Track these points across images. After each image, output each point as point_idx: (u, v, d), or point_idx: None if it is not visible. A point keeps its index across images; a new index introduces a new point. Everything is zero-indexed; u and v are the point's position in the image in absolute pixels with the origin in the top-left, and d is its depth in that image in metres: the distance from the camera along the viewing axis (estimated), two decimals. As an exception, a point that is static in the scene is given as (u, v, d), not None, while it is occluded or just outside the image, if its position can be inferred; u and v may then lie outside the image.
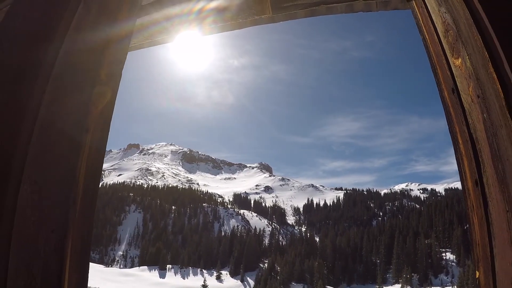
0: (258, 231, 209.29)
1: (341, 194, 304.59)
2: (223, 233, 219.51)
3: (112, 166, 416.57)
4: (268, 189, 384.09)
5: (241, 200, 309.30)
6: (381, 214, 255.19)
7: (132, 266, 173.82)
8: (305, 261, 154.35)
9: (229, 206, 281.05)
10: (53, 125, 1.47)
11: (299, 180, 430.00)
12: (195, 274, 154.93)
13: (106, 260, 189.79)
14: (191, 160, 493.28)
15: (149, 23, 2.46)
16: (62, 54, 1.54)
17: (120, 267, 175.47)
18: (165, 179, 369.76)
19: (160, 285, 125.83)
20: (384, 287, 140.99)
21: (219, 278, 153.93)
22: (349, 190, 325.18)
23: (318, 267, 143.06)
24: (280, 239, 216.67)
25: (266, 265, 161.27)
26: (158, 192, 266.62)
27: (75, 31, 1.62)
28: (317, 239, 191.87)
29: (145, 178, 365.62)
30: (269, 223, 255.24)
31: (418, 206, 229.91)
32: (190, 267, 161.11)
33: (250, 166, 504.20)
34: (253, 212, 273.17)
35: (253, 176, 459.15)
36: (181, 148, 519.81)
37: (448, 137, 1.56)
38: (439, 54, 1.56)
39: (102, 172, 1.95)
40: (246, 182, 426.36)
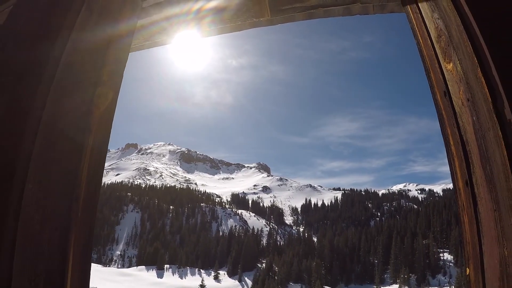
0: (256, 231, 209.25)
1: (339, 195, 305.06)
2: (221, 233, 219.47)
3: (110, 165, 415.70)
4: (266, 189, 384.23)
5: (239, 200, 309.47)
6: (379, 214, 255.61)
7: (130, 266, 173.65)
8: (303, 261, 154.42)
9: (227, 206, 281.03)
10: (56, 126, 1.50)
11: (297, 180, 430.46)
12: (193, 274, 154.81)
13: (104, 260, 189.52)
14: (189, 160, 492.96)
15: (149, 24, 2.47)
16: (64, 55, 1.56)
17: (118, 267, 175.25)
18: (163, 179, 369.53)
19: (158, 285, 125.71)
20: (382, 287, 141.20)
21: (217, 278, 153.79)
22: (347, 190, 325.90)
23: (316, 267, 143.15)
24: (278, 239, 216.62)
25: (264, 265, 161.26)
26: (156, 192, 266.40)
27: (77, 33, 1.63)
28: (315, 239, 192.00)
29: (143, 177, 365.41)
30: (267, 223, 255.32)
31: (416, 207, 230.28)
32: (188, 267, 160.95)
33: (248, 166, 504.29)
34: (251, 212, 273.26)
35: (251, 176, 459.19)
36: (179, 148, 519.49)
37: (446, 138, 1.63)
38: (432, 58, 1.59)
39: (101, 172, 2.05)
40: (244, 182, 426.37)
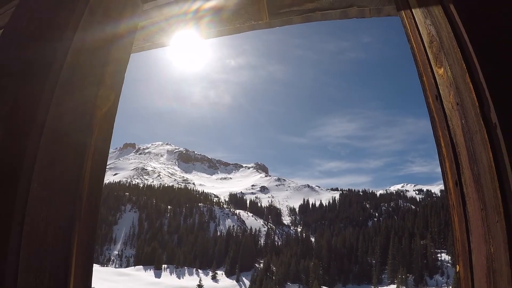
0: (253, 231, 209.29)
1: (337, 195, 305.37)
2: (218, 233, 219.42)
3: (108, 165, 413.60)
4: (264, 189, 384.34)
5: (236, 200, 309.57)
6: (376, 214, 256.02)
7: (128, 266, 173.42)
8: (300, 261, 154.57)
9: (224, 206, 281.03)
10: (60, 127, 1.53)
11: (295, 181, 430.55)
12: (191, 274, 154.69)
13: (101, 260, 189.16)
14: (187, 160, 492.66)
15: (149, 26, 2.50)
16: (67, 57, 1.58)
17: (115, 267, 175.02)
18: (161, 178, 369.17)
19: (156, 285, 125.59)
20: (380, 287, 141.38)
21: (214, 278, 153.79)
22: (345, 190, 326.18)
23: (314, 267, 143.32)
24: (276, 239, 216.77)
25: (262, 265, 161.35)
26: (153, 191, 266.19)
27: (80, 34, 1.66)
28: (313, 239, 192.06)
29: (141, 177, 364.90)
30: (264, 223, 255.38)
31: (413, 207, 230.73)
32: (186, 267, 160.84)
33: (246, 166, 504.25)
34: (248, 212, 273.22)
35: (249, 176, 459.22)
36: (177, 147, 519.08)
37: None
38: (424, 63, 1.65)
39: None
40: (242, 182, 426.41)
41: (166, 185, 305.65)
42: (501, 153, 1.13)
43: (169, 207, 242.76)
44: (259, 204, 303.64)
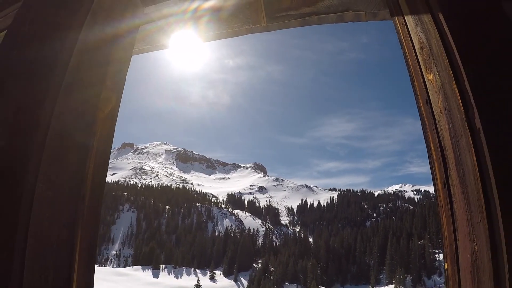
0: (251, 231, 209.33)
1: (335, 195, 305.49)
2: (216, 233, 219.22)
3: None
4: (262, 189, 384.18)
5: (235, 200, 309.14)
6: (375, 215, 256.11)
7: (126, 266, 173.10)
8: (298, 261, 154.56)
9: (223, 206, 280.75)
10: (64, 129, 1.55)
11: (293, 181, 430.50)
12: (189, 274, 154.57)
13: (99, 260, 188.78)
14: (185, 160, 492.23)
15: (150, 28, 2.52)
16: (70, 58, 1.60)
17: (113, 267, 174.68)
18: (159, 178, 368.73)
19: (154, 285, 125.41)
20: (378, 287, 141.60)
21: (212, 278, 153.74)
22: (343, 191, 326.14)
23: (312, 267, 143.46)
24: (274, 239, 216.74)
25: (260, 265, 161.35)
26: (152, 191, 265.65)
27: (82, 36, 1.68)
28: (311, 239, 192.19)
29: (139, 177, 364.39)
30: (263, 223, 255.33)
31: (411, 207, 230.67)
32: (184, 267, 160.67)
33: (244, 166, 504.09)
34: (247, 212, 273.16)
35: (247, 176, 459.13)
36: (175, 147, 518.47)
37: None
38: (416, 68, 1.70)
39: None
40: (240, 182, 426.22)
41: (164, 185, 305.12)
42: (484, 156, 1.18)
43: (167, 207, 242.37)
44: (257, 204, 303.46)
